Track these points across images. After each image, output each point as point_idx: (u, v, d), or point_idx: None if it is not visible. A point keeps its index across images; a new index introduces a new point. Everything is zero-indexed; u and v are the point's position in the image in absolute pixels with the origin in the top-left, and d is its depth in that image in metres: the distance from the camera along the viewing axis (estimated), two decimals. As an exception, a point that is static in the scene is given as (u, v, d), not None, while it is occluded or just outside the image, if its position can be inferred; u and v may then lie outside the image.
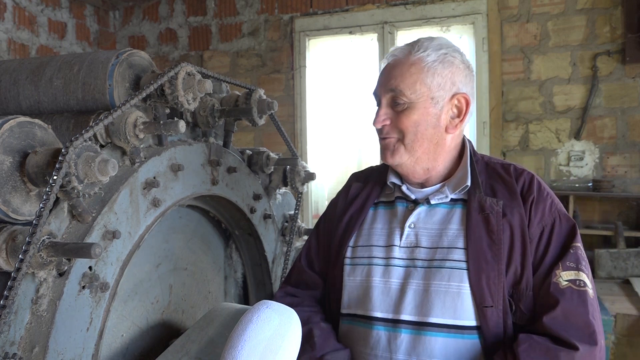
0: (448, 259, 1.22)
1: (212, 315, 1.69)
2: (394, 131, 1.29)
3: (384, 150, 1.32)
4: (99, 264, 1.32)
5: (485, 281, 1.18)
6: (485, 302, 1.17)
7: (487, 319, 1.17)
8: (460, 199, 1.30)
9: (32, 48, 4.07)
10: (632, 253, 3.36)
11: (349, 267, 1.33)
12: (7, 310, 1.09)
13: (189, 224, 1.97)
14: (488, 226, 1.22)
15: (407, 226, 1.30)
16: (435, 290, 1.20)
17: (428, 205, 1.31)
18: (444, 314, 1.19)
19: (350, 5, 4.21)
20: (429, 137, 1.28)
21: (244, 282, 2.22)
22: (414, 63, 1.26)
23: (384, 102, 1.29)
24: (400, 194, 1.37)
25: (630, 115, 3.67)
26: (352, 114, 4.26)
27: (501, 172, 1.32)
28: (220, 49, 4.60)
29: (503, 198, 1.26)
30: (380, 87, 1.31)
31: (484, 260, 1.20)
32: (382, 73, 1.32)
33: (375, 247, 1.32)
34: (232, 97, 1.92)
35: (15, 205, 1.21)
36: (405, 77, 1.26)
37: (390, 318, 1.23)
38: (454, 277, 1.20)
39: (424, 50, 1.27)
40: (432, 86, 1.26)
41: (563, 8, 3.76)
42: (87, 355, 1.30)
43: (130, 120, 1.39)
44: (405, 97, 1.25)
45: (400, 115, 1.27)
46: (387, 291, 1.25)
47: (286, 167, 2.16)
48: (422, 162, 1.31)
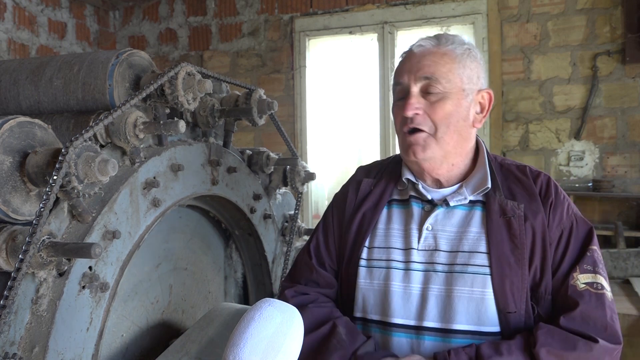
0: (470, 264, 1.19)
1: (212, 315, 1.70)
2: (426, 123, 1.22)
3: (413, 145, 1.24)
4: (99, 264, 1.32)
5: (509, 287, 1.16)
6: (508, 308, 1.15)
7: (509, 324, 1.15)
8: (478, 200, 1.27)
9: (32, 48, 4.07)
10: (632, 253, 3.36)
11: (364, 269, 1.28)
12: (7, 310, 1.09)
13: (189, 224, 1.97)
14: (510, 230, 1.20)
15: (425, 228, 1.25)
16: (458, 296, 1.17)
17: (446, 207, 1.27)
18: (468, 321, 1.16)
19: (350, 5, 4.21)
20: (459, 130, 1.24)
21: (244, 282, 2.22)
22: (445, 53, 1.24)
23: (414, 91, 1.23)
24: (414, 193, 1.32)
25: (630, 115, 3.66)
26: (352, 114, 4.25)
27: (518, 173, 1.29)
28: (220, 49, 4.60)
29: (523, 201, 1.23)
30: (410, 74, 1.24)
31: (507, 265, 1.17)
32: (408, 62, 1.26)
33: (393, 250, 1.27)
34: (232, 97, 1.92)
35: (15, 205, 1.21)
36: (439, 65, 1.22)
37: (413, 325, 1.20)
38: (477, 282, 1.17)
39: (452, 43, 1.25)
40: (464, 78, 1.24)
41: (563, 8, 3.76)
42: (87, 355, 1.30)
43: (130, 120, 1.39)
44: (441, 85, 1.21)
45: (435, 105, 1.22)
46: (407, 297, 1.21)
47: (286, 167, 2.16)
48: (450, 156, 1.26)
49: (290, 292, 1.35)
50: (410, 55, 1.27)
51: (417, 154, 1.24)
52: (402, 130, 1.26)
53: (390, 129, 4.04)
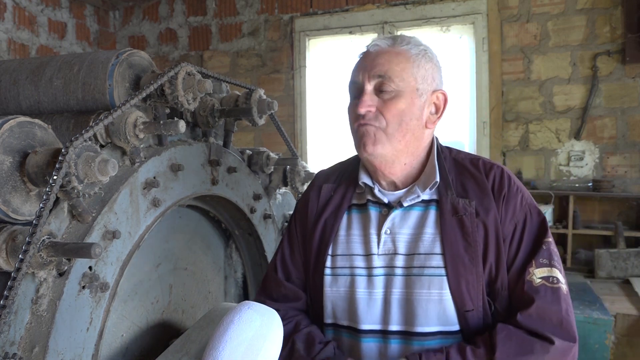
0: (427, 266, 1.20)
1: (212, 315, 1.70)
2: (377, 119, 1.23)
3: (363, 137, 1.24)
4: (99, 264, 1.32)
5: (465, 286, 1.17)
6: (466, 306, 1.17)
7: (468, 322, 1.17)
8: (433, 199, 1.27)
9: (32, 48, 4.07)
10: (632, 253, 3.36)
11: (329, 277, 1.29)
12: (7, 310, 1.09)
13: (189, 224, 1.97)
14: (463, 229, 1.20)
15: (383, 232, 1.26)
16: (417, 299, 1.19)
17: (402, 209, 1.27)
18: (428, 323, 1.18)
19: (350, 5, 4.21)
20: (412, 129, 1.25)
21: (244, 282, 2.22)
22: (400, 53, 1.24)
23: (368, 89, 1.24)
24: (371, 197, 1.32)
25: (630, 115, 3.67)
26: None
27: (470, 167, 1.29)
28: (220, 49, 4.60)
29: (475, 197, 1.24)
30: (364, 72, 1.25)
31: (462, 264, 1.18)
32: (364, 60, 1.28)
33: (355, 257, 1.28)
34: (232, 97, 1.92)
35: (15, 205, 1.21)
36: (393, 64, 1.23)
37: (379, 329, 1.22)
38: (434, 284, 1.18)
39: (407, 44, 1.26)
40: (418, 77, 1.24)
41: (563, 8, 3.76)
42: (87, 355, 1.30)
43: (130, 120, 1.39)
44: (394, 84, 1.22)
45: (387, 103, 1.23)
46: (372, 302, 1.23)
47: (286, 167, 2.16)
48: (402, 155, 1.27)
49: None
50: (366, 54, 1.28)
51: (367, 146, 1.24)
52: (354, 126, 1.27)
53: (390, 129, 4.04)
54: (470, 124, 3.96)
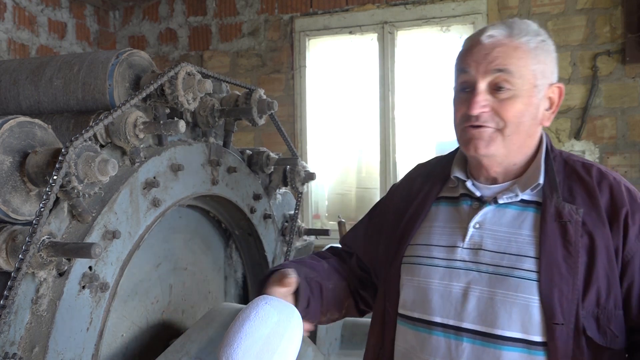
0: (517, 267, 1.11)
1: (212, 315, 1.69)
2: (493, 120, 1.13)
3: (476, 139, 1.14)
4: (99, 264, 1.32)
5: (558, 296, 1.07)
6: (555, 318, 1.06)
7: (555, 336, 1.06)
8: (533, 201, 1.17)
9: (32, 48, 4.07)
10: (632, 253, 3.35)
11: (407, 266, 1.24)
12: (7, 310, 1.09)
13: (189, 224, 1.97)
14: (565, 236, 1.10)
15: (472, 226, 1.18)
16: (501, 300, 1.10)
17: (496, 205, 1.19)
18: (510, 327, 1.09)
19: (350, 5, 4.21)
20: (526, 129, 1.16)
21: (244, 282, 2.22)
22: (519, 46, 1.13)
23: (481, 86, 1.13)
24: (465, 191, 1.24)
25: (630, 115, 3.66)
26: (352, 114, 4.25)
27: (581, 172, 1.18)
28: (220, 49, 4.60)
29: (583, 204, 1.13)
30: (477, 67, 1.13)
31: (558, 273, 1.08)
32: (477, 52, 1.15)
33: (435, 247, 1.22)
34: (232, 97, 1.92)
35: (15, 205, 1.21)
36: (512, 59, 1.12)
37: (452, 324, 1.14)
38: (523, 287, 1.09)
39: (525, 34, 1.15)
40: (537, 73, 1.14)
41: (563, 8, 3.76)
42: (87, 355, 1.30)
43: (130, 120, 1.39)
44: (513, 81, 1.12)
45: (504, 103, 1.12)
46: (447, 295, 1.16)
47: (286, 167, 2.16)
48: (513, 155, 1.18)
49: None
50: (479, 45, 1.15)
51: (479, 149, 1.15)
52: (463, 124, 1.17)
53: (390, 128, 4.04)
54: (470, 124, 3.97)
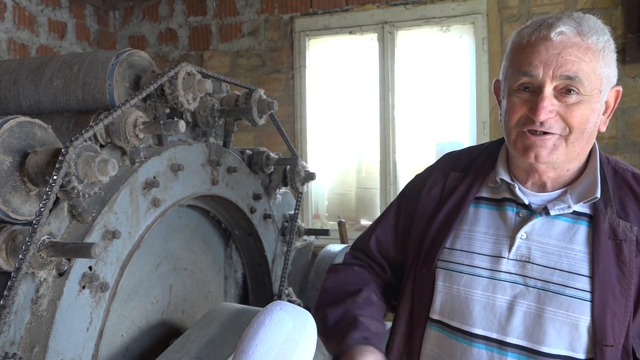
0: (569, 286, 1.07)
1: (212, 315, 1.70)
2: (559, 126, 1.06)
3: (538, 147, 1.07)
4: (99, 264, 1.32)
5: (610, 318, 1.03)
6: (606, 340, 1.03)
7: (604, 358, 1.03)
8: (584, 213, 1.11)
9: (32, 48, 4.07)
10: (632, 253, 3.35)
11: (443, 271, 1.17)
12: (7, 310, 1.09)
13: (189, 224, 1.97)
14: (620, 256, 1.06)
15: (519, 237, 1.12)
16: (551, 317, 1.06)
17: (546, 216, 1.12)
18: (558, 345, 1.06)
19: (350, 5, 4.21)
20: (588, 136, 1.09)
21: (244, 282, 2.22)
22: (589, 48, 1.05)
23: (548, 89, 1.04)
24: (509, 195, 1.17)
25: (630, 115, 3.66)
26: (352, 114, 4.25)
27: (634, 184, 1.11)
28: (220, 49, 4.60)
29: (636, 221, 1.07)
30: (547, 69, 1.04)
31: (612, 294, 1.04)
32: (545, 50, 1.05)
33: (478, 255, 1.15)
34: (232, 97, 1.92)
35: (15, 205, 1.21)
36: (583, 63, 1.04)
37: (495, 338, 1.10)
38: (575, 307, 1.05)
39: (595, 33, 1.06)
40: (603, 77, 1.07)
41: (563, 8, 3.76)
42: (87, 355, 1.30)
43: (130, 120, 1.39)
44: (583, 88, 1.04)
45: (572, 109, 1.04)
46: (490, 307, 1.11)
47: (286, 167, 2.16)
48: (571, 161, 1.12)
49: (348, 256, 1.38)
50: (547, 42, 1.05)
51: (541, 157, 1.07)
52: (523, 128, 1.09)
53: (390, 128, 4.04)
54: (470, 124, 3.96)
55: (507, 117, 1.11)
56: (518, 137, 1.10)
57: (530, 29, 1.09)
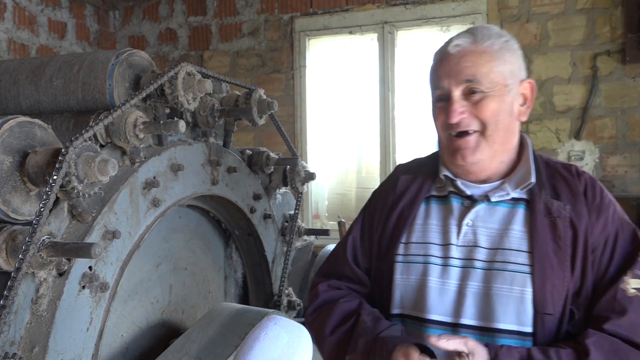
0: (511, 262, 1.17)
1: (212, 315, 1.69)
2: (474, 123, 1.20)
3: (463, 149, 1.21)
4: (99, 264, 1.32)
5: (550, 288, 1.13)
6: (546, 309, 1.13)
7: (544, 326, 1.13)
8: (521, 198, 1.24)
9: (32, 48, 4.07)
10: (632, 253, 3.35)
11: (401, 264, 1.26)
12: (7, 310, 1.09)
13: (189, 224, 1.97)
14: (555, 231, 1.17)
15: (465, 224, 1.23)
16: (497, 294, 1.15)
17: (487, 203, 1.24)
18: (506, 319, 1.14)
19: (350, 5, 4.21)
20: (505, 126, 1.22)
21: (244, 282, 2.22)
22: (484, 51, 1.20)
23: (456, 95, 1.20)
24: (453, 189, 1.29)
25: (630, 115, 3.66)
26: (352, 114, 4.26)
27: (564, 172, 1.26)
28: (220, 49, 4.60)
29: (567, 201, 1.21)
30: (450, 79, 1.21)
31: (550, 266, 1.15)
32: (447, 64, 1.23)
33: (431, 245, 1.25)
34: (232, 97, 1.92)
35: (15, 205, 1.21)
36: (479, 65, 1.19)
37: (449, 322, 1.18)
38: (517, 281, 1.15)
39: (489, 39, 1.22)
40: (505, 74, 1.21)
41: (563, 8, 3.76)
42: (87, 355, 1.30)
43: (130, 120, 1.39)
44: (483, 86, 1.19)
45: (479, 105, 1.19)
46: (445, 293, 1.19)
47: (286, 167, 2.16)
48: (498, 155, 1.24)
49: (323, 287, 1.37)
50: (448, 56, 1.23)
51: (467, 157, 1.21)
52: (446, 132, 1.23)
53: (390, 128, 4.04)
54: (470, 124, 3.97)
55: (435, 124, 1.28)
56: (447, 142, 1.25)
57: (439, 50, 1.29)
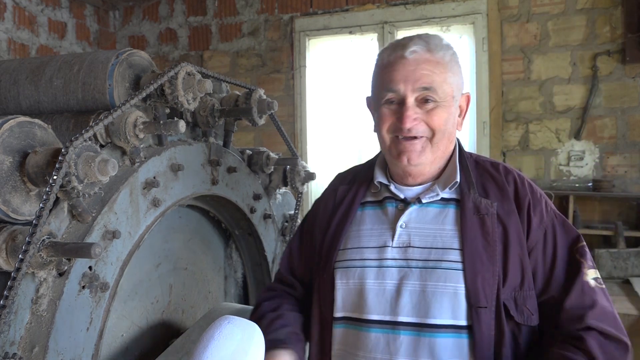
0: (444, 260, 1.22)
1: (212, 315, 1.70)
2: (423, 130, 1.24)
3: (409, 152, 1.25)
4: (99, 264, 1.32)
5: (481, 282, 1.18)
6: (479, 302, 1.17)
7: (480, 319, 1.17)
8: (452, 198, 1.29)
9: (32, 48, 4.07)
10: (632, 253, 3.35)
11: (340, 270, 1.30)
12: (7, 310, 1.09)
13: (189, 224, 1.97)
14: (483, 227, 1.23)
15: (399, 226, 1.28)
16: (432, 291, 1.20)
17: (419, 205, 1.29)
18: (441, 315, 1.18)
19: (350, 5, 4.21)
20: (449, 135, 1.28)
21: (244, 282, 2.22)
22: (439, 62, 1.24)
23: (410, 101, 1.23)
24: (388, 194, 1.35)
25: (630, 115, 3.66)
26: (352, 114, 4.25)
27: (491, 170, 1.32)
28: (220, 49, 4.60)
29: (495, 199, 1.26)
30: (407, 84, 1.23)
31: (480, 261, 1.20)
32: (402, 68, 1.24)
33: (366, 249, 1.30)
34: (232, 97, 1.92)
35: (15, 205, 1.21)
36: (435, 75, 1.22)
37: (388, 320, 1.22)
38: (450, 277, 1.20)
39: (441, 49, 1.25)
40: (454, 85, 1.26)
41: (563, 8, 3.76)
42: (87, 355, 1.30)
43: (130, 120, 1.39)
44: (437, 95, 1.23)
45: (431, 114, 1.23)
46: (382, 293, 1.24)
47: (286, 167, 2.16)
48: (437, 160, 1.30)
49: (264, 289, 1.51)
50: (404, 61, 1.24)
51: (412, 159, 1.26)
52: (394, 135, 1.27)
53: (390, 129, 4.04)
54: (470, 124, 3.96)
55: (380, 127, 1.29)
56: (392, 143, 1.28)
57: (389, 51, 1.27)
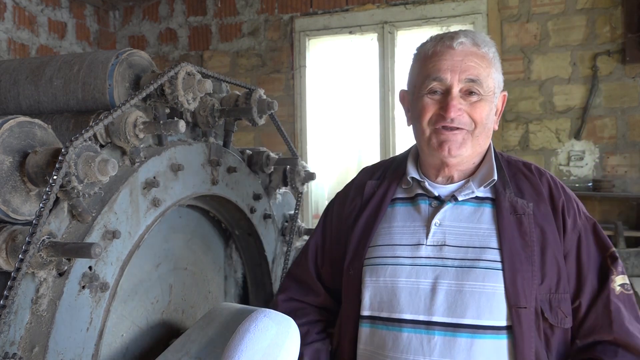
0: (481, 259, 1.20)
1: (212, 315, 1.69)
2: (466, 122, 1.23)
3: (450, 142, 1.23)
4: (99, 263, 1.32)
5: (520, 282, 1.17)
6: (519, 303, 1.16)
7: (520, 320, 1.15)
8: (487, 197, 1.27)
9: (32, 48, 4.07)
10: (632, 253, 3.36)
11: (369, 267, 1.27)
12: (7, 310, 1.09)
13: (189, 224, 1.97)
14: (521, 227, 1.21)
15: (434, 224, 1.25)
16: (469, 290, 1.18)
17: (454, 203, 1.27)
18: (479, 315, 1.16)
19: (350, 5, 4.21)
20: (488, 130, 1.28)
21: (244, 282, 2.22)
22: (484, 56, 1.25)
23: (455, 91, 1.22)
24: (420, 190, 1.32)
25: (631, 115, 3.67)
26: (352, 114, 4.26)
27: (525, 170, 1.31)
28: (220, 49, 4.60)
29: (531, 199, 1.25)
30: (454, 73, 1.22)
31: (519, 260, 1.18)
32: (450, 58, 1.23)
33: (399, 247, 1.27)
34: (232, 97, 1.92)
35: (15, 205, 1.21)
36: (481, 68, 1.23)
37: (422, 320, 1.19)
38: (489, 277, 1.18)
39: (486, 45, 1.26)
40: (496, 82, 1.27)
41: (563, 8, 3.76)
42: (87, 355, 1.30)
43: (130, 120, 1.39)
44: (482, 89, 1.23)
45: (475, 106, 1.23)
46: (415, 291, 1.21)
47: (286, 167, 2.15)
48: (475, 155, 1.29)
49: (282, 297, 1.42)
50: (451, 51, 1.24)
51: (452, 150, 1.23)
52: (436, 125, 1.24)
53: (390, 128, 4.04)
54: (470, 124, 3.97)
55: (420, 117, 1.27)
56: (432, 134, 1.26)
57: (434, 42, 1.27)
